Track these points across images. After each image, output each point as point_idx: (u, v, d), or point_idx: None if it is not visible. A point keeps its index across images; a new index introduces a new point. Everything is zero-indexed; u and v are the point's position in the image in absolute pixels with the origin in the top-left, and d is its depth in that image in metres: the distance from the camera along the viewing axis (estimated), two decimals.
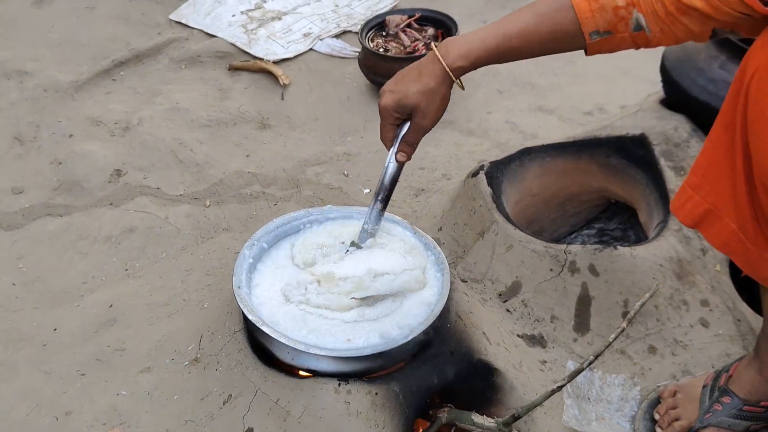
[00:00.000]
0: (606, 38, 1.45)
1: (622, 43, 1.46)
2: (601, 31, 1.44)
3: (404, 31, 3.03)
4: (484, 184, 2.12)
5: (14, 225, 2.40)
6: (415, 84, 1.56)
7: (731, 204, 1.41)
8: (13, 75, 3.09)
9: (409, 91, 1.56)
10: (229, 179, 2.59)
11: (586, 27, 1.43)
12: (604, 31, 1.44)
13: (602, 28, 1.43)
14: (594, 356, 1.65)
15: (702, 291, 1.97)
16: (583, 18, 1.43)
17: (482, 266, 2.05)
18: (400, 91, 1.57)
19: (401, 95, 1.57)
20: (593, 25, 1.43)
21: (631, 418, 1.81)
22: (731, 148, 1.38)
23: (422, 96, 1.56)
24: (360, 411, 1.61)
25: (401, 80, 1.59)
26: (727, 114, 1.38)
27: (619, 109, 2.79)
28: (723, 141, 1.39)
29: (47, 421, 1.77)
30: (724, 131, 1.39)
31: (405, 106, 1.58)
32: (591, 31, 1.44)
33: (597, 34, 1.44)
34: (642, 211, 2.23)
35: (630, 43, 1.46)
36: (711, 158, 1.44)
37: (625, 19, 1.41)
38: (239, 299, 1.66)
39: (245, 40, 3.28)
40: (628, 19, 1.41)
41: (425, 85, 1.56)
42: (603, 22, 1.42)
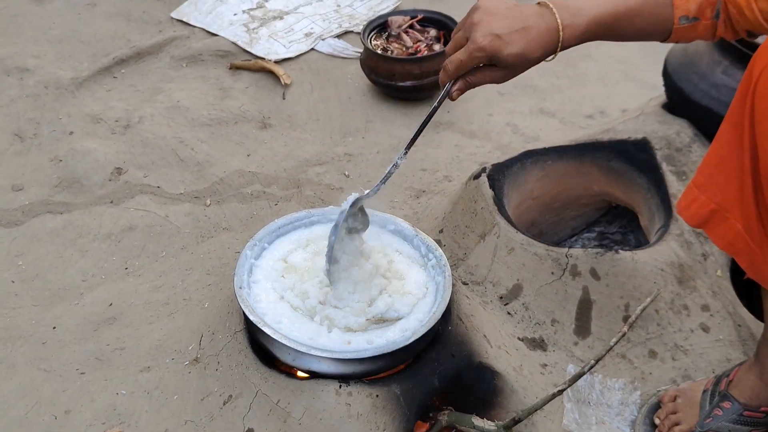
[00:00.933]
0: (692, 24, 1.46)
1: (703, 31, 1.48)
2: (690, 17, 1.45)
3: (406, 32, 3.03)
4: (485, 187, 2.11)
5: (14, 222, 2.39)
6: (522, 41, 1.42)
7: (738, 204, 1.42)
8: (14, 71, 3.08)
9: (514, 47, 1.42)
10: (229, 178, 2.59)
11: (679, 10, 1.45)
12: (692, 17, 1.45)
13: (692, 14, 1.45)
14: (595, 360, 1.65)
15: (703, 296, 1.97)
16: (678, 1, 1.45)
17: (483, 269, 2.05)
18: (505, 42, 1.41)
19: (504, 48, 1.42)
20: (685, 9, 1.45)
21: (631, 422, 1.81)
22: (739, 148, 1.38)
23: (522, 60, 1.44)
24: (361, 413, 1.60)
25: (508, 24, 1.42)
26: (734, 113, 1.38)
27: (621, 113, 2.80)
28: (731, 141, 1.40)
29: (46, 420, 1.76)
30: (731, 131, 1.39)
31: (500, 60, 1.44)
32: (681, 15, 1.45)
33: (686, 20, 1.45)
34: (643, 215, 2.23)
35: (709, 30, 1.47)
36: (718, 158, 1.44)
37: (712, 4, 1.43)
38: (240, 299, 1.66)
39: (247, 39, 3.28)
40: (714, 4, 1.43)
41: (531, 51, 1.43)
42: (694, 6, 1.45)
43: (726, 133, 1.41)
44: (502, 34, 1.40)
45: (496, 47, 1.41)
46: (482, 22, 1.42)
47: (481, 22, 1.42)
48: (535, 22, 1.43)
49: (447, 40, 2.99)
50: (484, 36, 1.41)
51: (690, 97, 2.23)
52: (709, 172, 1.47)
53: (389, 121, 2.90)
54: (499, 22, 1.42)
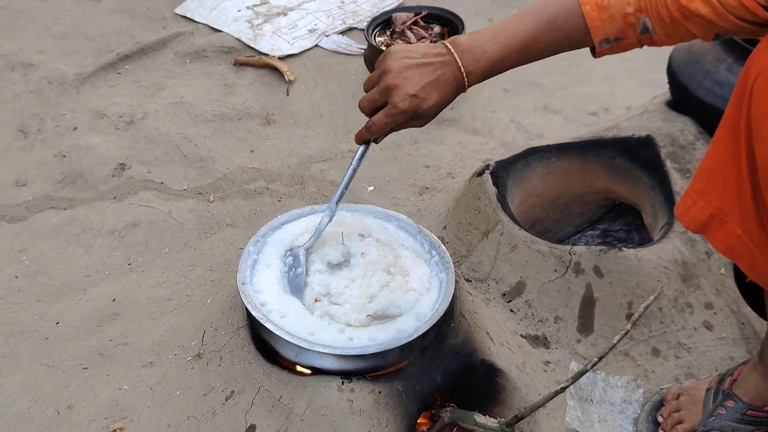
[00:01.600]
0: (615, 44, 1.46)
1: (629, 46, 1.48)
2: (611, 39, 1.45)
3: (410, 28, 3.02)
4: (489, 184, 2.11)
5: (17, 217, 2.40)
6: (436, 93, 1.50)
7: (736, 208, 1.41)
8: (18, 67, 3.08)
9: (431, 101, 1.50)
10: (233, 174, 2.59)
11: (597, 36, 1.44)
12: (613, 39, 1.45)
13: (612, 36, 1.44)
14: (598, 358, 1.64)
15: (706, 294, 1.97)
16: (594, 27, 1.43)
17: (486, 266, 2.05)
18: (424, 99, 1.50)
19: (423, 104, 1.51)
20: (603, 34, 1.44)
21: (634, 420, 1.81)
22: (736, 152, 1.37)
23: (438, 109, 1.53)
24: (363, 409, 1.60)
25: (423, 85, 1.50)
26: (731, 117, 1.38)
27: (625, 110, 2.79)
28: (727, 144, 1.39)
29: (49, 415, 1.77)
30: (728, 135, 1.39)
31: (419, 116, 1.53)
32: (601, 39, 1.45)
33: (606, 42, 1.45)
34: (647, 212, 2.22)
35: (636, 45, 1.47)
36: (715, 162, 1.43)
37: (633, 25, 1.42)
38: (243, 296, 1.66)
39: (251, 35, 3.27)
40: (636, 25, 1.42)
41: (444, 97, 1.52)
42: (613, 30, 1.43)
43: (722, 138, 1.41)
44: (418, 92, 1.49)
45: (415, 105, 1.50)
46: (397, 86, 1.49)
47: (396, 87, 1.50)
48: (442, 71, 1.51)
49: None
50: (402, 99, 1.49)
51: (694, 95, 2.23)
52: (706, 176, 1.46)
53: None
54: (412, 81, 1.50)
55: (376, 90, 1.54)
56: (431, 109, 1.51)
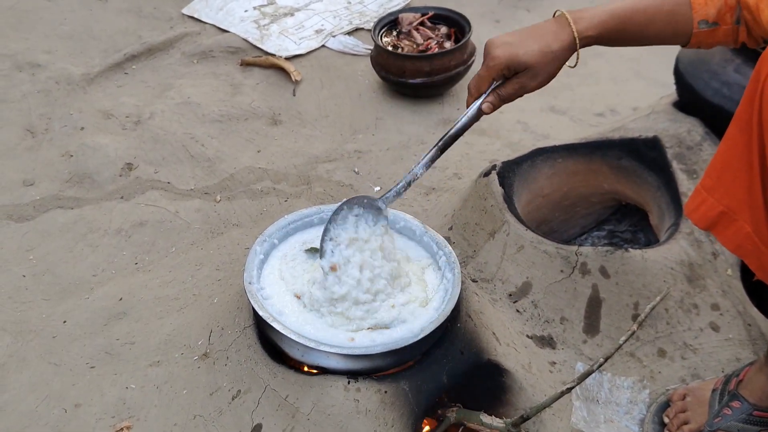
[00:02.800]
0: (712, 29, 1.48)
1: (724, 36, 1.49)
2: (710, 21, 1.46)
3: (417, 29, 3.02)
4: (495, 184, 2.11)
5: (25, 217, 2.40)
6: (536, 42, 1.47)
7: (746, 206, 1.41)
8: (26, 67, 3.09)
9: (528, 48, 1.47)
10: (239, 174, 2.59)
11: (698, 14, 1.46)
12: (712, 22, 1.47)
13: (711, 18, 1.46)
14: (604, 358, 1.64)
15: (713, 295, 1.97)
16: (697, 6, 1.46)
17: (493, 266, 2.05)
18: (519, 46, 1.47)
19: (519, 50, 1.47)
20: (704, 13, 1.46)
21: (639, 421, 1.81)
22: (747, 151, 1.37)
23: (542, 57, 1.48)
24: (369, 409, 1.61)
25: (520, 34, 1.48)
26: (742, 116, 1.38)
27: (631, 111, 2.79)
28: (738, 143, 1.39)
29: (56, 413, 1.77)
30: (739, 133, 1.39)
31: (519, 63, 1.48)
32: (701, 19, 1.46)
33: (705, 24, 1.46)
34: (653, 213, 2.22)
35: (730, 36, 1.48)
36: (726, 160, 1.43)
37: (732, 10, 1.44)
38: (250, 295, 1.66)
39: (257, 35, 3.28)
40: (734, 10, 1.44)
41: (548, 46, 1.48)
42: (714, 11, 1.46)
43: (733, 136, 1.41)
44: (514, 41, 1.48)
45: (511, 51, 1.47)
46: (496, 40, 1.51)
47: (495, 41, 1.51)
48: (545, 25, 1.51)
49: (458, 38, 2.98)
50: (496, 47, 1.49)
51: (701, 96, 2.22)
52: (716, 174, 1.46)
53: (399, 118, 2.90)
54: (509, 35, 1.51)
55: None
56: (530, 54, 1.47)
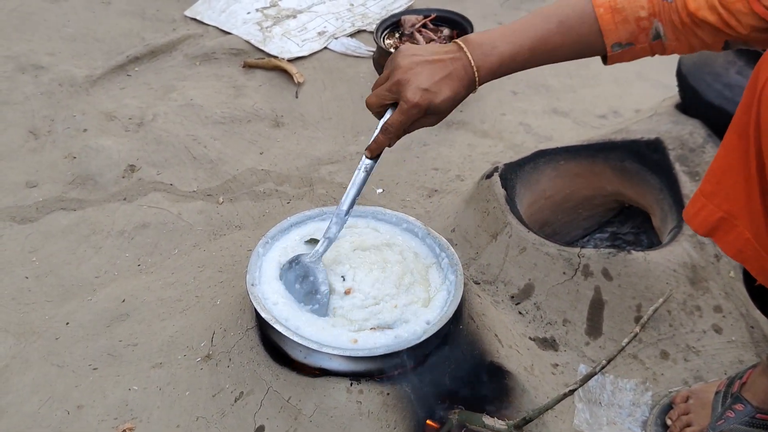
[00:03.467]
0: (627, 49, 1.46)
1: (641, 52, 1.48)
2: (623, 43, 1.45)
3: (419, 31, 3.02)
4: (498, 186, 2.11)
5: (28, 218, 2.41)
6: (448, 88, 1.49)
7: (746, 212, 1.41)
8: (29, 69, 3.10)
9: (444, 95, 1.48)
10: (242, 176, 2.59)
11: (609, 39, 1.45)
12: (626, 43, 1.45)
13: (624, 40, 1.45)
14: (607, 361, 1.64)
15: (715, 297, 1.96)
16: (607, 30, 1.44)
17: (495, 268, 2.05)
18: (435, 94, 1.49)
19: (436, 99, 1.49)
20: (616, 37, 1.44)
21: (642, 423, 1.81)
22: (745, 156, 1.37)
23: (451, 104, 1.51)
24: (371, 411, 1.61)
25: (435, 80, 1.48)
26: (740, 121, 1.37)
27: (634, 113, 2.79)
28: (737, 149, 1.39)
29: (59, 415, 1.77)
30: (737, 138, 1.38)
31: (433, 111, 1.50)
32: (613, 43, 1.45)
33: (619, 46, 1.45)
34: (656, 215, 2.22)
35: (648, 52, 1.48)
36: (725, 166, 1.43)
37: (646, 30, 1.42)
38: (253, 297, 1.66)
39: (260, 37, 3.28)
40: (648, 30, 1.42)
41: (457, 92, 1.50)
42: (625, 34, 1.44)
43: (732, 142, 1.40)
44: (430, 86, 1.47)
45: (428, 99, 1.48)
46: (408, 80, 1.48)
47: (407, 81, 1.48)
48: (453, 67, 1.49)
49: None
50: (414, 93, 1.47)
51: (704, 98, 2.22)
52: (715, 180, 1.46)
53: None
54: (423, 76, 1.48)
55: (385, 86, 1.53)
56: (444, 103, 1.49)
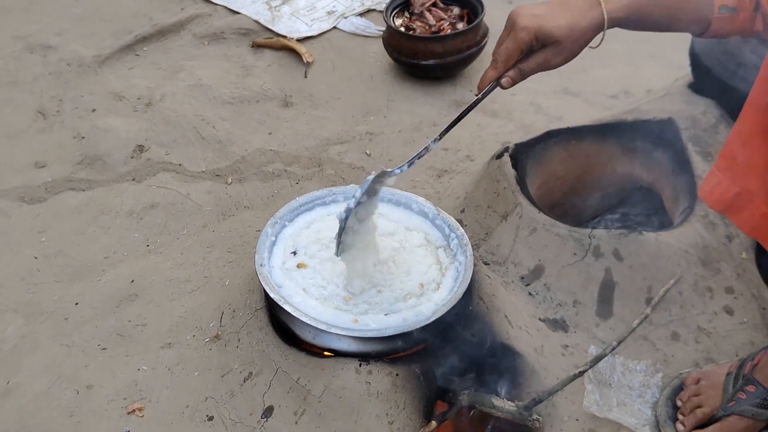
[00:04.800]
0: (731, 15, 1.46)
1: (741, 23, 1.47)
2: (729, 6, 1.44)
3: (429, 10, 3.00)
4: (508, 166, 2.10)
5: (37, 199, 2.41)
6: (564, 16, 1.43)
7: (763, 186, 1.39)
8: (37, 49, 3.09)
9: (557, 21, 1.43)
10: (251, 157, 2.58)
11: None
12: (732, 6, 1.44)
13: (731, 2, 1.43)
14: (617, 342, 1.64)
15: (727, 278, 1.95)
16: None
17: (505, 249, 2.04)
18: (547, 18, 1.43)
19: (548, 23, 1.43)
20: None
21: (652, 404, 1.80)
22: (763, 130, 1.35)
23: (570, 32, 1.44)
24: (380, 392, 1.60)
25: (547, 7, 1.44)
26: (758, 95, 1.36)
27: (645, 93, 2.76)
28: (756, 123, 1.37)
29: (68, 395, 1.78)
30: (755, 113, 1.37)
31: (547, 37, 1.44)
32: (722, 4, 1.44)
33: (725, 9, 1.45)
34: (667, 196, 2.20)
35: (747, 23, 1.47)
36: (742, 140, 1.42)
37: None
38: (261, 277, 1.66)
39: (269, 17, 3.26)
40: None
41: (576, 22, 1.44)
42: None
43: (749, 116, 1.39)
44: (542, 13, 1.43)
45: (539, 23, 1.42)
46: (522, 10, 1.46)
47: (521, 11, 1.46)
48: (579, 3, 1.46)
49: (470, 19, 2.96)
50: (525, 17, 1.43)
51: (717, 77, 2.20)
52: (732, 155, 1.44)
53: (411, 100, 2.88)
54: (536, 7, 1.46)
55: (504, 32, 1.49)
56: (559, 28, 1.43)
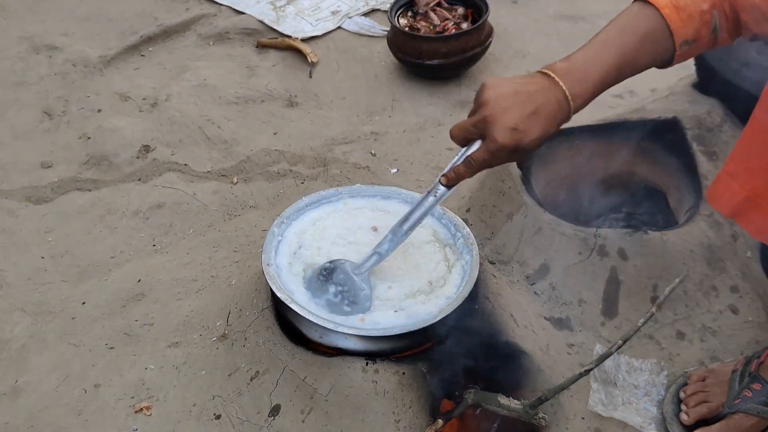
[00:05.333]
0: (692, 47, 1.46)
1: (701, 47, 1.47)
2: (690, 40, 1.44)
3: (434, 10, 3.00)
4: (513, 166, 2.10)
5: (43, 199, 2.42)
6: (537, 127, 1.41)
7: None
8: (42, 49, 3.10)
9: (533, 135, 1.41)
10: (256, 157, 2.59)
11: (678, 37, 1.44)
12: (692, 40, 1.44)
13: (690, 37, 1.44)
14: (622, 341, 1.64)
15: (732, 277, 1.95)
16: (676, 29, 1.43)
17: (510, 248, 2.04)
18: (525, 134, 1.41)
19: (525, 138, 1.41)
20: (684, 34, 1.44)
21: (658, 402, 1.80)
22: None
23: (539, 143, 1.44)
24: (387, 390, 1.61)
25: (523, 117, 1.41)
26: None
27: (650, 93, 2.76)
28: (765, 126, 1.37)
29: (76, 394, 1.79)
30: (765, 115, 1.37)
31: (520, 155, 1.44)
32: (682, 41, 1.44)
33: (686, 44, 1.45)
34: (672, 195, 2.21)
35: (707, 47, 1.47)
36: (753, 144, 1.42)
37: (708, 23, 1.43)
38: (268, 277, 1.67)
39: (273, 17, 3.27)
40: (710, 22, 1.42)
41: (546, 130, 1.42)
42: (692, 30, 1.44)
43: (759, 119, 1.39)
44: (518, 125, 1.40)
45: (516, 140, 1.41)
46: (495, 118, 1.41)
47: (494, 119, 1.41)
48: (545, 99, 1.42)
49: (475, 19, 2.96)
50: (502, 134, 1.40)
51: (722, 76, 2.20)
52: (741, 159, 1.44)
53: (416, 99, 2.89)
54: (511, 113, 1.41)
55: (472, 120, 1.47)
56: (533, 143, 1.42)
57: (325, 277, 1.68)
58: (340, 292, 1.66)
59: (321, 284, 1.68)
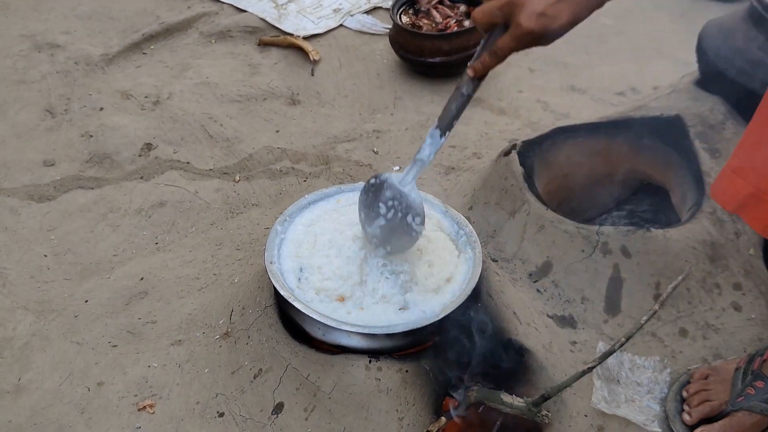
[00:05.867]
0: None
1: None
2: None
3: (436, 7, 3.00)
4: (516, 164, 2.10)
5: (46, 197, 2.42)
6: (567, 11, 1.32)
7: None
8: (45, 48, 3.10)
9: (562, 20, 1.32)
10: (258, 155, 2.59)
11: None
12: None
13: None
14: (625, 338, 1.64)
15: (735, 274, 1.95)
16: None
17: (513, 246, 2.04)
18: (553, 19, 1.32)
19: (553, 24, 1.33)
20: None
21: (661, 400, 1.80)
22: None
23: (569, 29, 1.34)
24: (390, 388, 1.61)
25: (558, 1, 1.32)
26: None
27: (652, 90, 2.76)
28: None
29: (79, 391, 1.79)
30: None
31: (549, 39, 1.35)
32: None
33: None
34: (675, 193, 2.21)
35: None
36: (757, 139, 1.42)
37: None
38: (271, 274, 1.67)
39: (275, 15, 3.27)
40: None
41: (577, 15, 1.33)
42: None
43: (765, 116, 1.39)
44: (546, 10, 1.32)
45: (544, 26, 1.33)
46: (522, 1, 1.33)
47: (521, 2, 1.33)
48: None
49: None
50: (528, 18, 1.32)
51: (724, 74, 2.20)
52: (745, 154, 1.44)
53: (418, 97, 2.88)
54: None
55: (497, 3, 1.36)
56: (561, 29, 1.34)
57: (373, 194, 1.64)
58: (392, 207, 1.62)
59: (371, 202, 1.64)
